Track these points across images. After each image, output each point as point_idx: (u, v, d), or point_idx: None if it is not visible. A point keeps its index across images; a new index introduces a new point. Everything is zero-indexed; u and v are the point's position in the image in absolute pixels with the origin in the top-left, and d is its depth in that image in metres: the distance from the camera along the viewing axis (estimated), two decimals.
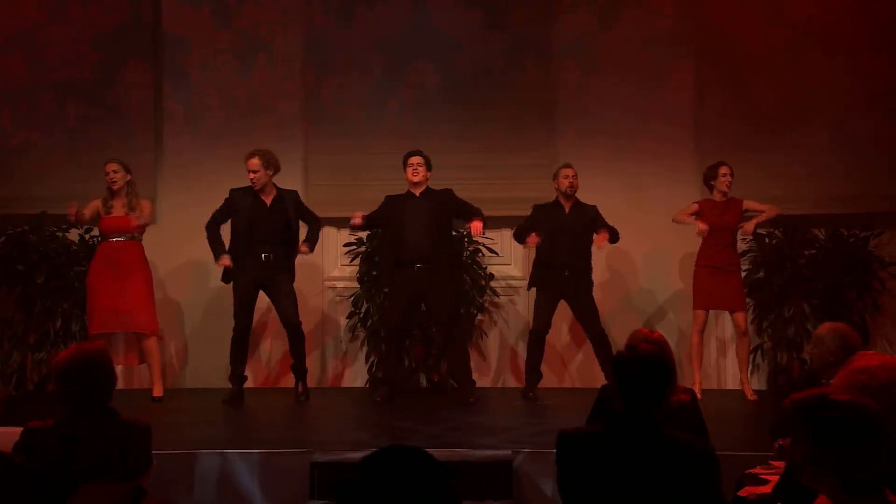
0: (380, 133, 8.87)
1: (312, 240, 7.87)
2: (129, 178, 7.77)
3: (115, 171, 7.73)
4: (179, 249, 8.70)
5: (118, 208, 7.74)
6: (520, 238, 8.01)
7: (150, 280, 7.85)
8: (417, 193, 7.77)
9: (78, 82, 8.93)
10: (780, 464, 4.16)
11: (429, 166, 7.79)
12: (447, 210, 7.77)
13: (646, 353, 3.41)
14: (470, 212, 7.71)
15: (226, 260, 7.65)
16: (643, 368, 3.36)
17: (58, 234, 8.51)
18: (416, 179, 7.72)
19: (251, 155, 7.65)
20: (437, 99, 8.90)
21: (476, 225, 7.60)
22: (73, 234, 8.52)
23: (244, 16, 8.99)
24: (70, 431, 3.70)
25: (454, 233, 8.17)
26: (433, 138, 8.51)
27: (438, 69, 8.92)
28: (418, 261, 7.63)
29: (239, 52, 8.97)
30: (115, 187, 7.73)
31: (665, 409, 3.41)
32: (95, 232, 8.38)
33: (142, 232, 7.79)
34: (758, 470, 4.38)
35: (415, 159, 7.75)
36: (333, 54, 8.97)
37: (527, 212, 8.48)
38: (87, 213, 7.79)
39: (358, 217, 7.77)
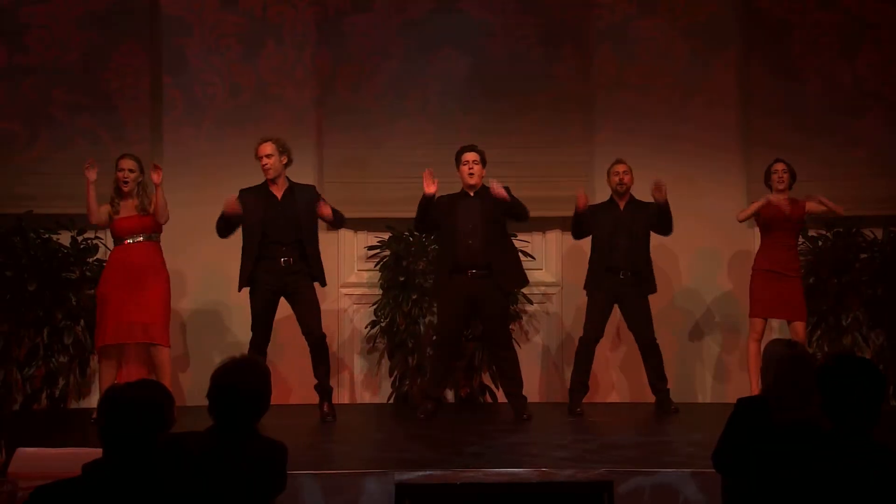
0: (401, 126, 8.22)
1: (337, 213, 7.16)
2: (141, 178, 7.11)
3: (130, 171, 7.08)
4: (181, 253, 7.85)
5: (129, 209, 7.06)
6: (576, 230, 7.51)
7: (168, 286, 7.14)
8: (472, 193, 7.17)
9: (64, 67, 8.13)
10: None
11: (484, 163, 7.16)
12: (502, 209, 7.13)
13: (860, 365, 3.28)
14: (517, 210, 7.10)
15: (233, 201, 6.96)
16: (861, 382, 3.22)
17: (45, 235, 7.76)
18: (472, 182, 7.11)
19: (263, 140, 7.07)
20: (464, 89, 8.23)
21: (497, 188, 6.98)
22: (65, 237, 7.80)
23: None
24: (214, 448, 3.52)
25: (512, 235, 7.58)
26: (460, 132, 7.84)
27: (466, 56, 8.24)
28: (473, 266, 7.05)
29: (245, 35, 8.25)
30: (126, 189, 7.06)
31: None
32: (89, 234, 7.71)
33: (160, 231, 7.14)
34: None
35: (470, 156, 7.12)
36: (349, 39, 8.26)
37: (561, 212, 8.05)
38: (103, 216, 7.09)
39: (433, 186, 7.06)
